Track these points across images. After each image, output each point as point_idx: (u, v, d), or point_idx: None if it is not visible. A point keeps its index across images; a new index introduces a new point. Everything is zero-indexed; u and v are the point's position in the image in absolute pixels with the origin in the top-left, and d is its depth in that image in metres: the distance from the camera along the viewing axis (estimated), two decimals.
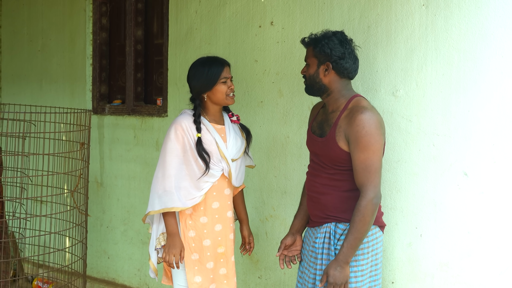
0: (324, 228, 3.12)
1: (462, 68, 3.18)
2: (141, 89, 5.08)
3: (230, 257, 3.51)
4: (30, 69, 5.84)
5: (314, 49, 3.11)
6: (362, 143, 2.92)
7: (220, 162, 3.39)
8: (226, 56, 4.12)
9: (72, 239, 4.48)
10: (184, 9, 4.51)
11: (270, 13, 3.98)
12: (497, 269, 3.13)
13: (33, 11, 5.79)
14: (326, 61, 3.07)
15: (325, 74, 3.09)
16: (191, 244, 3.42)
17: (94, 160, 5.19)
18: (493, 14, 3.09)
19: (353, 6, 3.57)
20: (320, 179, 3.13)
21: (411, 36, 3.34)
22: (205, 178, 3.37)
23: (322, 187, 3.11)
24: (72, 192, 4.33)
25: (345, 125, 3.00)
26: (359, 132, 2.92)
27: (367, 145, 2.92)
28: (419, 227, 3.35)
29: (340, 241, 3.05)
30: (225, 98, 3.38)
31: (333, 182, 3.08)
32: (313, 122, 3.26)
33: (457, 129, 3.21)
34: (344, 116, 3.03)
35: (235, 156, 3.44)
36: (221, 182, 3.43)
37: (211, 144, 3.37)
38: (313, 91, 3.18)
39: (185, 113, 3.43)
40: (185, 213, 3.42)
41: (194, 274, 3.40)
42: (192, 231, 3.42)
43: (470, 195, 3.18)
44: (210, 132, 3.39)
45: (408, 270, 3.40)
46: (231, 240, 3.52)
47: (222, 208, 3.46)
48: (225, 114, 3.55)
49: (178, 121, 3.37)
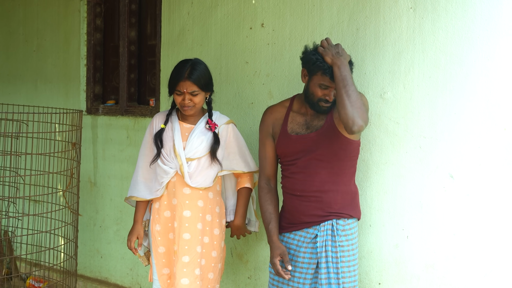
0: (325, 226, 3.16)
1: (449, 70, 3.20)
2: (135, 89, 5.10)
3: (180, 258, 3.47)
4: (26, 69, 5.87)
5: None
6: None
7: (173, 159, 3.47)
8: (217, 58, 4.16)
9: (63, 238, 4.51)
10: (177, 11, 4.53)
11: (260, 15, 4.00)
12: (482, 271, 3.14)
13: (29, 12, 5.82)
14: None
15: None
16: (157, 238, 3.52)
17: (87, 160, 5.21)
18: (479, 17, 3.11)
19: (342, 8, 3.59)
20: (319, 177, 3.17)
21: (399, 39, 3.36)
22: (161, 173, 3.49)
23: (322, 184, 3.16)
24: (64, 191, 4.35)
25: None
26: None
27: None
28: (405, 229, 3.37)
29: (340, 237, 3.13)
30: (180, 107, 3.48)
31: (333, 177, 3.14)
32: (288, 124, 3.30)
33: (443, 132, 3.23)
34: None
35: (193, 156, 3.47)
36: (180, 181, 3.49)
37: (169, 140, 3.48)
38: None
39: (165, 110, 3.63)
40: (154, 207, 3.57)
41: (162, 266, 3.48)
42: (158, 225, 3.54)
43: (456, 197, 3.20)
44: (172, 129, 3.50)
45: (395, 272, 3.42)
46: (185, 240, 3.48)
47: (179, 206, 3.50)
48: (205, 119, 3.56)
49: (154, 117, 3.60)
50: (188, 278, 3.47)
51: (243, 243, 4.15)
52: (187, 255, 3.48)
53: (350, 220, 3.21)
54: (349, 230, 3.20)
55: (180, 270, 3.46)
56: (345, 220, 3.16)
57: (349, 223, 3.20)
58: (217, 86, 4.20)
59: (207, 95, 3.52)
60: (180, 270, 3.46)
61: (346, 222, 3.18)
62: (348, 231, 3.19)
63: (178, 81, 3.40)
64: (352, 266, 3.18)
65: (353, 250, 3.20)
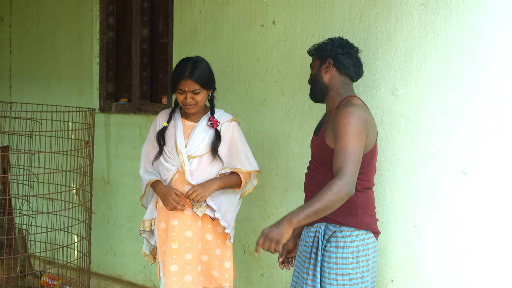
0: (314, 228, 3.11)
1: (461, 67, 3.19)
2: (147, 87, 5.12)
3: (183, 255, 3.49)
4: (39, 68, 5.91)
5: (317, 52, 3.22)
6: (343, 130, 2.89)
7: (175, 157, 3.47)
8: (229, 55, 4.17)
9: (76, 236, 4.54)
10: (189, 9, 4.54)
11: (272, 12, 4.00)
12: (495, 268, 3.13)
13: (42, 11, 5.86)
14: (327, 58, 3.15)
15: (326, 71, 3.16)
16: (162, 236, 3.53)
17: (100, 158, 5.24)
18: (491, 13, 3.09)
19: (353, 5, 3.58)
20: (314, 179, 3.15)
21: (411, 35, 3.35)
22: (163, 170, 3.52)
23: (315, 187, 3.09)
24: (77, 189, 4.38)
25: (331, 120, 3.02)
26: (340, 121, 2.92)
27: (347, 132, 2.88)
28: (418, 226, 3.36)
29: (329, 242, 3.04)
30: (182, 105, 3.48)
31: (323, 182, 3.00)
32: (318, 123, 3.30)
33: (455, 128, 3.21)
34: (334, 113, 3.05)
35: (194, 153, 3.47)
36: (181, 178, 3.50)
37: (171, 137, 3.50)
38: (315, 93, 3.23)
39: (169, 108, 3.64)
40: (159, 205, 3.57)
41: (170, 263, 3.46)
42: (162, 222, 3.56)
43: (468, 194, 3.19)
44: (174, 127, 3.51)
45: (407, 269, 3.41)
46: (187, 238, 3.49)
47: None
48: (207, 116, 3.55)
49: (158, 114, 3.63)
50: (191, 275, 3.50)
51: (256, 240, 4.15)
52: (190, 253, 3.50)
53: (343, 228, 3.03)
54: (341, 238, 3.02)
55: (183, 267, 3.49)
56: (336, 226, 3.03)
57: (342, 230, 3.02)
58: (229, 83, 4.22)
59: (209, 92, 3.51)
60: (183, 267, 3.49)
61: (339, 229, 3.02)
62: (340, 238, 3.02)
63: (179, 80, 3.39)
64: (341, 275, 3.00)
65: (345, 259, 3.01)
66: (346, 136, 2.88)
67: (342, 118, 2.92)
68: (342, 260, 3.01)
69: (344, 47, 3.17)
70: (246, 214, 4.18)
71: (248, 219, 4.18)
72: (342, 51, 3.15)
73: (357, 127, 2.90)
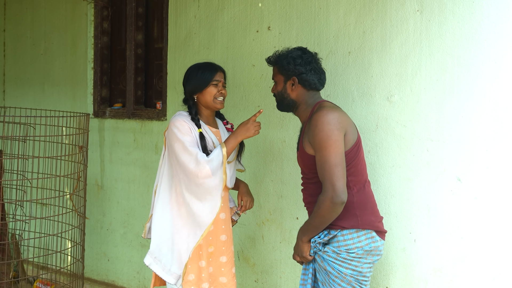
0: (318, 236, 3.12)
1: (456, 73, 3.19)
2: (141, 92, 5.11)
3: (218, 258, 3.50)
4: (33, 72, 5.89)
5: (279, 67, 3.17)
6: (317, 141, 2.95)
7: None
8: (224, 61, 4.16)
9: (70, 241, 4.51)
10: (183, 14, 4.53)
11: (267, 18, 4.00)
12: (490, 275, 3.13)
13: (36, 15, 5.84)
14: (292, 76, 3.12)
15: (292, 89, 3.14)
16: (199, 252, 3.46)
17: (94, 163, 5.22)
18: (486, 20, 3.09)
19: (348, 11, 3.58)
20: (309, 190, 3.16)
21: (406, 42, 3.35)
22: None
23: (311, 197, 3.13)
24: (71, 194, 4.36)
25: (307, 130, 3.05)
26: (313, 132, 2.96)
27: (321, 143, 2.93)
28: (413, 232, 3.36)
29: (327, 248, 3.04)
30: (212, 101, 3.42)
31: (318, 191, 3.04)
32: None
33: (450, 135, 3.21)
34: (308, 123, 3.07)
35: (230, 159, 3.48)
36: None
37: (210, 144, 3.42)
38: (283, 107, 3.24)
39: (181, 114, 3.46)
40: None
41: (188, 273, 3.43)
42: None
43: (463, 200, 3.19)
44: (207, 133, 3.44)
45: (402, 275, 3.41)
46: (222, 241, 3.51)
47: None
48: (219, 121, 3.60)
49: (179, 118, 3.39)
50: (226, 277, 3.53)
51: (250, 246, 4.15)
52: (225, 255, 3.53)
53: (345, 231, 3.02)
54: (343, 242, 3.01)
55: (218, 269, 3.51)
56: (337, 230, 3.03)
57: (343, 234, 3.02)
58: None
59: None
60: (218, 269, 3.51)
61: (340, 233, 3.02)
62: (342, 242, 3.02)
63: (215, 72, 3.42)
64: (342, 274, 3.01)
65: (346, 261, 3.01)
66: (320, 147, 2.94)
67: (314, 128, 2.97)
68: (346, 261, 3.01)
69: (307, 64, 3.12)
70: (241, 220, 4.17)
71: (242, 225, 4.17)
72: (306, 69, 3.11)
73: (328, 133, 2.93)
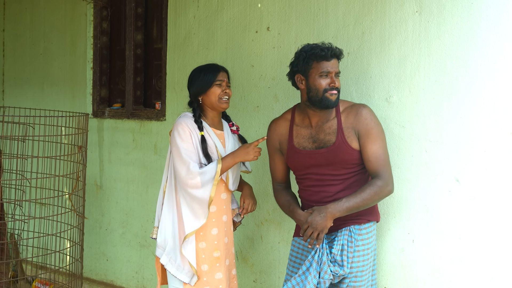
0: (342, 231, 3.14)
1: (455, 74, 3.20)
2: (141, 93, 5.11)
3: (224, 261, 3.50)
4: (32, 72, 5.89)
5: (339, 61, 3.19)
6: (373, 134, 3.10)
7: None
8: (223, 61, 4.17)
9: (68, 241, 4.52)
10: (183, 14, 4.54)
11: (266, 18, 4.01)
12: (488, 275, 3.13)
13: (36, 15, 5.84)
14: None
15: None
16: (201, 256, 3.44)
17: (93, 163, 5.22)
18: (485, 21, 3.10)
19: (347, 12, 3.59)
20: (334, 188, 3.16)
21: (405, 43, 3.36)
22: None
23: (337, 194, 3.14)
24: (70, 194, 4.36)
25: (352, 124, 3.12)
26: (368, 125, 3.10)
27: (377, 135, 3.10)
28: (411, 233, 3.37)
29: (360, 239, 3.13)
30: (218, 101, 3.42)
31: (347, 186, 3.13)
32: (294, 139, 3.27)
33: (449, 135, 3.22)
34: (345, 117, 3.14)
35: None
36: (219, 187, 3.45)
37: (212, 147, 3.42)
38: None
39: (185, 115, 3.48)
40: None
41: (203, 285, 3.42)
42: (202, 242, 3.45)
43: (461, 201, 3.20)
44: (210, 136, 3.44)
45: (400, 276, 3.41)
46: (226, 244, 3.51)
47: (218, 212, 3.48)
48: (225, 122, 3.60)
49: (182, 121, 3.41)
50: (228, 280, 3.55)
51: (249, 246, 4.16)
52: (228, 258, 3.54)
53: (368, 224, 3.19)
54: (366, 234, 3.17)
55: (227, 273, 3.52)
56: (361, 224, 3.15)
57: (366, 227, 3.18)
58: None
59: None
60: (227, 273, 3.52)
61: (363, 226, 3.16)
62: (365, 235, 3.17)
63: (218, 72, 3.45)
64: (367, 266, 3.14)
65: (368, 250, 3.16)
66: (377, 139, 3.11)
67: (369, 122, 3.11)
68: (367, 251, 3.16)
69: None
70: None
71: (241, 225, 4.17)
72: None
73: (380, 127, 3.15)
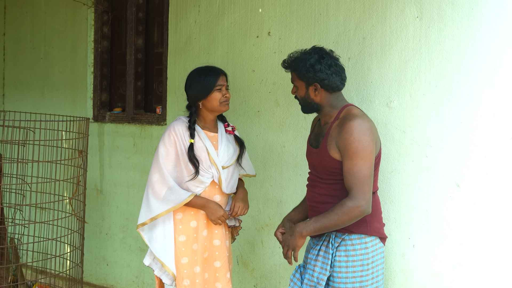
0: (324, 236, 3.13)
1: (455, 79, 3.20)
2: (141, 97, 5.12)
3: (212, 263, 3.53)
4: (33, 76, 5.90)
5: (297, 74, 3.13)
6: (351, 149, 2.94)
7: (210, 168, 3.46)
8: (224, 66, 4.17)
9: (69, 245, 4.51)
10: (184, 19, 4.54)
11: (267, 23, 4.01)
12: (489, 280, 3.13)
13: (36, 19, 5.85)
14: (313, 82, 3.10)
15: (315, 94, 3.12)
16: (181, 249, 3.48)
17: (94, 167, 5.22)
18: (485, 27, 3.11)
19: (348, 17, 3.60)
20: (319, 190, 3.15)
21: (405, 48, 3.36)
22: (195, 183, 3.45)
23: (321, 197, 3.13)
24: (70, 199, 4.36)
25: (335, 134, 3.03)
26: (347, 139, 2.94)
27: (355, 152, 2.93)
28: (412, 238, 3.37)
29: (338, 251, 3.05)
30: (219, 105, 3.47)
31: (331, 191, 3.09)
32: (311, 134, 3.31)
33: (449, 141, 3.22)
34: (335, 125, 3.07)
35: (226, 164, 3.50)
36: (212, 189, 3.50)
37: (202, 150, 3.45)
38: (308, 110, 3.23)
39: (180, 119, 3.53)
40: (176, 218, 3.49)
41: (183, 278, 3.46)
42: (182, 235, 3.49)
43: (462, 206, 3.20)
44: (201, 139, 3.47)
45: (401, 281, 3.41)
46: (215, 246, 3.53)
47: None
48: (221, 123, 3.62)
49: (172, 127, 3.49)
50: (220, 282, 3.56)
51: (249, 251, 4.16)
52: (218, 261, 3.55)
53: (353, 235, 3.05)
54: (351, 246, 3.04)
55: (213, 275, 3.54)
56: (344, 233, 3.05)
57: (351, 238, 3.05)
58: None
59: None
60: (213, 275, 3.54)
61: (348, 237, 3.05)
62: (350, 246, 3.04)
63: (218, 76, 3.47)
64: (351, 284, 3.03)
65: (355, 268, 3.03)
66: (354, 156, 2.93)
67: (348, 136, 2.95)
68: (353, 268, 3.04)
69: (327, 69, 3.07)
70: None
71: (242, 230, 4.17)
72: (327, 75, 3.06)
73: (364, 143, 2.94)
